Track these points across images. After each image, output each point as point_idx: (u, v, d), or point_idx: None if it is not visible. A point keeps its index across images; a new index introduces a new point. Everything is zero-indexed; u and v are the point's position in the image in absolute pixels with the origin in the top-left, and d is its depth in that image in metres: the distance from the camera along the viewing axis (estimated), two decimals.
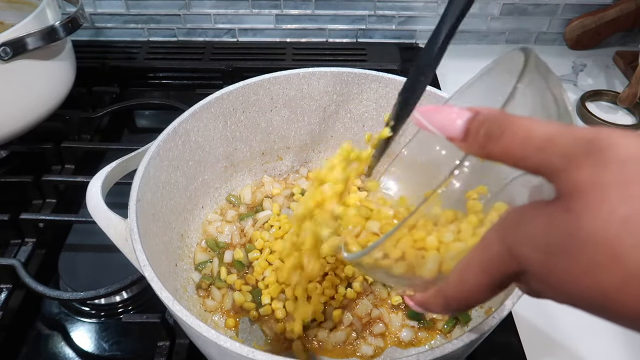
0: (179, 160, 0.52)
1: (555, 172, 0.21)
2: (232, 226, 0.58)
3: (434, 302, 0.28)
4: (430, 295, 0.28)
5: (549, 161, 0.21)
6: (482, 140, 0.23)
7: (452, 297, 0.26)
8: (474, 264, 0.24)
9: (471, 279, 0.25)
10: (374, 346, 0.49)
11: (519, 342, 0.51)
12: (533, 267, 0.22)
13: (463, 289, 0.25)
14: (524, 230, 0.22)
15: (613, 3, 0.88)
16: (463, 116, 0.24)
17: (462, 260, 0.25)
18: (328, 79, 0.59)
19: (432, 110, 0.25)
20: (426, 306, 0.29)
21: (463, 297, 0.26)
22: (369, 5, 0.90)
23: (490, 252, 0.23)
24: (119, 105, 0.79)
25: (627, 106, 0.77)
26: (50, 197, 0.66)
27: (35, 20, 0.60)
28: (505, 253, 0.23)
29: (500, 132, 0.23)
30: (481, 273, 0.24)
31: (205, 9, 0.90)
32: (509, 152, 0.22)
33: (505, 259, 0.23)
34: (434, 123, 0.25)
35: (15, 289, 0.56)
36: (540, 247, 0.21)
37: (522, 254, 0.22)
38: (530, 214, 0.22)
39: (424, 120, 0.26)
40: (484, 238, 0.24)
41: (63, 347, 0.53)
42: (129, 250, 0.42)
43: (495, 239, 0.23)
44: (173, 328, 0.51)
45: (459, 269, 0.25)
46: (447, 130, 0.25)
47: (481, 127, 0.23)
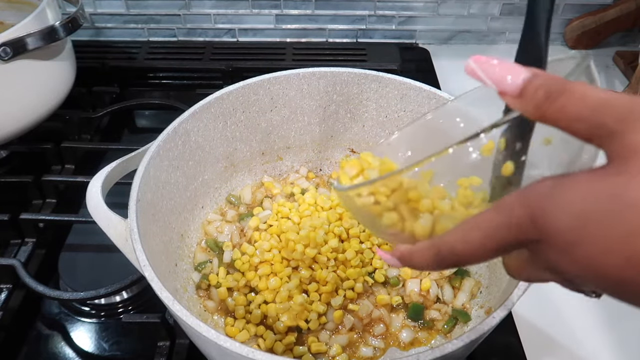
0: (179, 160, 0.52)
1: (608, 135, 0.21)
2: (232, 226, 0.58)
3: (422, 255, 0.27)
4: (419, 248, 0.28)
5: (603, 123, 0.21)
6: (540, 99, 0.23)
7: (448, 253, 0.26)
8: (484, 225, 0.24)
9: (476, 239, 0.24)
10: (374, 347, 0.49)
11: (519, 342, 0.51)
12: (560, 236, 0.21)
13: (464, 247, 0.25)
14: (560, 196, 0.21)
15: (613, 3, 0.88)
16: (522, 73, 0.24)
17: (468, 219, 0.25)
18: (328, 79, 0.59)
19: (490, 62, 0.25)
20: (410, 259, 0.29)
21: (461, 254, 0.25)
22: (369, 5, 0.90)
23: (507, 217, 0.23)
24: (119, 105, 0.79)
25: None
26: (50, 197, 0.66)
27: (35, 20, 0.60)
28: (526, 219, 0.22)
29: (559, 92, 0.22)
30: (490, 235, 0.24)
31: (205, 9, 0.90)
32: (564, 112, 0.22)
33: (525, 226, 0.23)
34: (490, 75, 0.25)
35: (15, 289, 0.56)
36: (576, 214, 0.21)
37: (550, 221, 0.22)
38: (570, 181, 0.22)
39: (479, 69, 0.25)
40: (501, 203, 0.24)
41: (63, 347, 0.53)
42: (129, 250, 0.42)
43: (518, 205, 0.23)
44: (173, 328, 0.51)
45: (463, 228, 0.25)
46: (503, 84, 0.24)
47: (541, 86, 0.23)
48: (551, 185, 0.22)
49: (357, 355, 0.48)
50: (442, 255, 0.26)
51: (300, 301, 0.48)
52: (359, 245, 0.54)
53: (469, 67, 0.25)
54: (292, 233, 0.53)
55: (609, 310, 0.54)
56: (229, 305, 0.51)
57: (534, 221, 0.22)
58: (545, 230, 0.22)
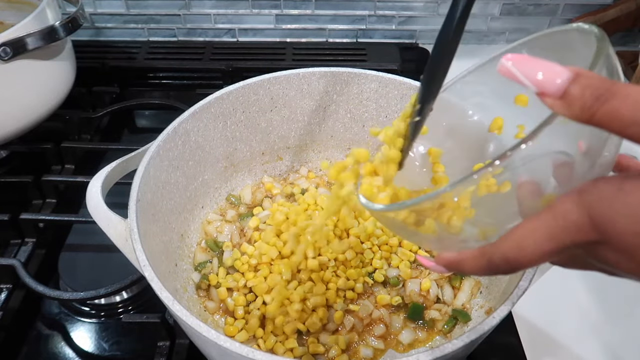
0: (179, 160, 0.52)
1: None
2: (232, 226, 0.58)
3: (472, 262, 0.28)
4: (467, 256, 0.28)
5: None
6: (588, 100, 0.22)
7: (501, 261, 0.26)
8: (540, 231, 0.24)
9: (531, 244, 0.24)
10: (374, 348, 0.49)
11: (519, 342, 0.51)
12: (623, 239, 0.22)
13: (518, 255, 0.25)
14: (623, 200, 0.22)
15: (613, 3, 0.88)
16: (564, 73, 0.23)
17: (522, 225, 0.25)
18: (328, 79, 0.59)
19: (528, 60, 0.24)
20: (459, 265, 0.29)
21: (515, 262, 0.25)
22: (369, 5, 0.90)
23: (565, 221, 0.23)
24: (119, 105, 0.79)
25: None
26: (50, 197, 0.66)
27: (35, 20, 0.60)
28: (585, 222, 0.23)
29: (609, 94, 0.22)
30: (547, 240, 0.24)
31: (205, 9, 0.90)
32: (617, 116, 0.22)
33: (584, 228, 0.23)
34: (528, 74, 0.23)
35: (15, 289, 0.56)
36: (638, 219, 0.21)
37: (612, 225, 0.22)
38: (632, 184, 0.22)
39: (515, 69, 0.24)
40: (555, 207, 0.24)
41: (63, 347, 0.53)
42: (129, 250, 0.42)
43: (576, 208, 0.23)
44: (173, 328, 0.51)
45: (517, 235, 0.25)
46: (543, 85, 0.23)
47: (587, 87, 0.22)
48: (612, 189, 0.23)
49: (357, 356, 0.48)
50: (494, 263, 0.26)
51: (297, 308, 0.48)
52: (360, 246, 0.54)
53: (503, 67, 0.24)
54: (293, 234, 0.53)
55: (609, 310, 0.54)
56: (228, 306, 0.51)
57: (596, 224, 0.23)
58: (605, 234, 0.22)
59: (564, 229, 0.23)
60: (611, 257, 0.23)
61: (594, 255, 0.25)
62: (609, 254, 0.23)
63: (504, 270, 0.27)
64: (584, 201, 0.23)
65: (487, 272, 0.27)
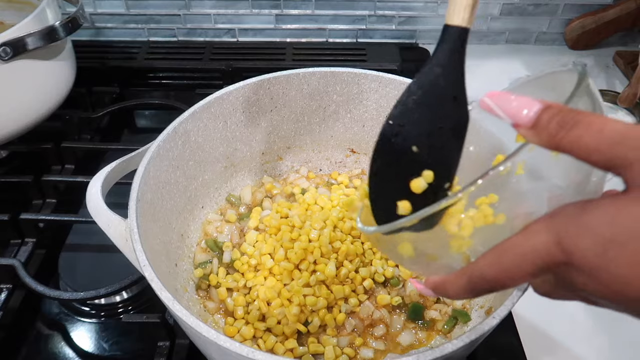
0: (179, 160, 0.52)
1: (627, 165, 0.22)
2: (232, 226, 0.58)
3: (454, 283, 0.28)
4: (452, 276, 0.29)
5: (623, 154, 0.22)
6: (553, 129, 0.24)
7: (479, 279, 0.27)
8: (514, 250, 0.25)
9: (505, 264, 0.25)
10: (375, 349, 0.49)
11: (519, 342, 0.51)
12: (586, 259, 0.22)
13: (495, 273, 0.26)
14: (585, 220, 0.23)
15: (613, 3, 0.88)
16: (535, 105, 0.25)
17: (499, 245, 0.26)
18: (328, 79, 0.59)
19: (504, 96, 0.26)
20: (443, 288, 0.29)
21: (492, 280, 0.26)
22: (369, 5, 0.90)
23: (535, 241, 0.24)
24: (119, 105, 0.79)
25: (627, 106, 0.77)
26: (50, 197, 0.66)
27: (35, 20, 0.60)
28: (552, 243, 0.23)
29: (573, 123, 0.23)
30: (519, 260, 0.25)
31: (205, 9, 0.90)
32: (580, 143, 0.23)
33: (551, 250, 0.23)
34: (505, 109, 0.26)
35: (15, 289, 0.56)
36: (602, 237, 0.22)
37: (575, 245, 0.23)
38: (594, 206, 0.23)
39: (493, 104, 0.26)
40: (529, 228, 0.25)
41: (63, 347, 0.53)
42: (129, 250, 0.42)
43: (544, 229, 0.24)
44: (173, 328, 0.51)
45: (494, 253, 0.26)
46: (517, 116, 0.25)
47: (554, 117, 0.24)
48: (576, 210, 0.23)
49: (357, 357, 0.48)
50: (473, 282, 0.27)
51: (295, 312, 0.48)
52: (360, 247, 0.54)
53: (484, 103, 0.27)
54: (292, 235, 0.53)
55: (609, 310, 0.54)
56: (228, 306, 0.51)
57: (561, 244, 0.23)
58: (570, 255, 0.23)
59: (534, 250, 0.24)
60: (579, 279, 0.24)
61: (563, 280, 0.25)
62: (576, 277, 0.24)
63: (482, 288, 0.27)
64: (552, 223, 0.24)
65: (468, 291, 0.28)
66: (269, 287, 0.51)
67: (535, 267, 0.24)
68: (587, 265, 0.23)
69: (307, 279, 0.51)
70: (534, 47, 0.94)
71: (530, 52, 0.92)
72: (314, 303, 0.49)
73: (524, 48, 0.93)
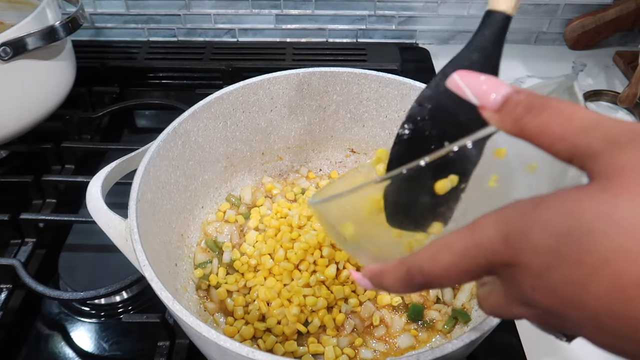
0: (179, 160, 0.52)
1: (593, 155, 0.20)
2: (232, 226, 0.58)
3: (391, 275, 0.26)
4: (388, 267, 0.26)
5: (589, 144, 0.20)
6: (519, 113, 0.22)
7: (417, 272, 0.24)
8: (456, 244, 0.22)
9: (446, 258, 0.23)
10: (374, 350, 0.49)
11: (519, 342, 0.51)
12: (536, 257, 0.20)
13: (433, 267, 0.23)
14: (537, 215, 0.20)
15: (613, 3, 0.88)
16: (504, 88, 0.23)
17: (442, 237, 0.23)
18: (328, 79, 0.59)
19: (475, 76, 0.24)
20: (380, 277, 0.27)
21: (430, 275, 0.24)
22: (369, 5, 0.90)
23: (480, 236, 0.22)
24: (119, 105, 0.79)
25: (627, 106, 0.77)
26: (50, 197, 0.66)
27: (35, 20, 0.60)
28: (499, 240, 0.21)
29: (542, 108, 0.22)
30: (461, 256, 0.22)
31: (205, 9, 0.90)
32: (546, 130, 0.21)
33: (497, 247, 0.21)
34: (472, 88, 0.24)
35: (15, 289, 0.56)
36: (555, 231, 0.19)
37: (524, 240, 0.20)
38: (549, 199, 0.20)
39: (461, 83, 0.24)
40: (475, 222, 0.22)
41: (63, 347, 0.53)
42: (129, 250, 0.42)
43: (492, 224, 0.21)
44: (173, 328, 0.51)
45: (435, 246, 0.23)
46: (483, 98, 0.23)
47: (522, 101, 0.22)
48: (530, 203, 0.21)
49: (357, 357, 0.48)
50: (411, 274, 0.25)
51: (295, 312, 0.48)
52: None
53: (452, 81, 0.25)
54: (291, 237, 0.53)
55: None
56: (228, 306, 0.51)
57: (507, 241, 0.21)
58: (519, 252, 0.20)
59: (478, 246, 0.22)
60: (526, 282, 0.21)
61: (509, 285, 0.22)
62: (523, 279, 0.21)
63: (420, 284, 0.25)
64: (500, 217, 0.21)
65: (405, 285, 0.25)
66: (268, 287, 0.51)
67: (476, 266, 0.22)
68: (535, 264, 0.20)
69: (307, 279, 0.51)
70: (534, 47, 0.94)
71: (530, 52, 0.92)
72: (313, 303, 0.49)
73: (524, 48, 0.93)
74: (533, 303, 0.21)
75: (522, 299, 0.22)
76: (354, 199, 0.27)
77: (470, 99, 0.24)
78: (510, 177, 0.26)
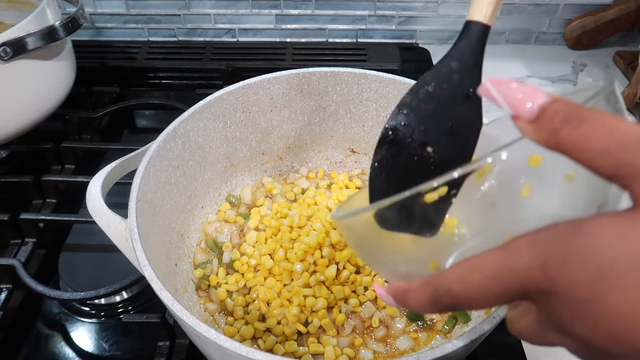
0: (179, 160, 0.52)
1: (638, 175, 0.18)
2: (232, 226, 0.58)
3: (417, 294, 0.25)
4: (414, 285, 0.25)
5: (634, 162, 0.18)
6: (557, 124, 0.20)
7: (444, 293, 0.23)
8: (488, 267, 0.21)
9: (477, 281, 0.22)
10: (374, 351, 0.49)
11: (519, 342, 0.51)
12: (577, 289, 0.18)
13: (462, 289, 0.22)
14: (579, 242, 0.19)
15: (613, 3, 0.88)
16: (541, 97, 0.21)
17: (472, 258, 0.22)
18: (328, 79, 0.59)
19: (508, 84, 0.23)
20: (404, 298, 0.26)
21: (458, 297, 0.23)
22: (369, 5, 0.90)
23: (515, 261, 0.20)
24: (119, 105, 0.79)
25: (627, 106, 0.77)
26: (50, 197, 0.66)
27: (35, 20, 0.60)
28: (536, 266, 0.20)
29: (581, 119, 0.20)
30: (493, 279, 0.21)
31: (205, 9, 0.90)
32: (586, 143, 0.19)
33: (534, 273, 0.20)
34: (506, 96, 0.22)
35: (15, 289, 0.56)
36: (597, 263, 0.18)
37: (563, 270, 0.19)
38: (591, 225, 0.19)
39: (494, 91, 0.23)
40: (510, 244, 0.21)
41: (63, 347, 0.53)
42: (129, 250, 0.42)
43: (528, 248, 0.20)
44: (173, 328, 0.51)
45: (465, 267, 0.22)
46: (518, 107, 0.22)
47: (559, 111, 0.21)
48: (569, 228, 0.19)
49: (357, 357, 0.48)
50: (438, 295, 0.24)
51: (295, 312, 0.48)
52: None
53: (484, 88, 0.23)
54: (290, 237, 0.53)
55: None
56: (228, 306, 0.51)
57: (545, 268, 0.19)
58: (558, 281, 0.19)
59: (512, 270, 0.20)
60: (564, 313, 0.19)
61: (546, 313, 0.21)
62: (562, 310, 0.19)
63: (448, 306, 0.24)
64: (537, 241, 0.20)
65: (432, 305, 0.24)
66: (268, 287, 0.51)
67: (509, 290, 0.21)
68: (575, 296, 0.18)
69: (307, 280, 0.51)
70: (534, 47, 0.94)
71: (530, 52, 0.92)
72: (313, 303, 0.49)
73: (524, 48, 0.93)
74: (572, 333, 0.20)
75: (559, 327, 0.21)
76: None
77: (503, 107, 0.23)
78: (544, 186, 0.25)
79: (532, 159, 0.23)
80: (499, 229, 0.22)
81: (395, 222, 0.25)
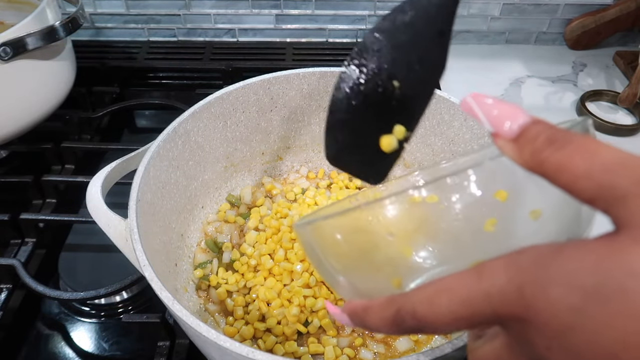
0: (179, 160, 0.52)
1: (621, 199, 0.18)
2: (232, 226, 0.58)
3: (378, 312, 0.23)
4: (376, 303, 0.23)
5: (616, 184, 0.18)
6: (539, 145, 0.20)
7: (408, 315, 0.22)
8: (458, 289, 0.20)
9: (445, 304, 0.20)
10: (374, 352, 0.49)
11: None
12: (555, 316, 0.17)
13: (428, 312, 0.21)
14: (557, 267, 0.18)
15: (613, 3, 0.88)
16: (521, 117, 0.21)
17: (441, 279, 0.21)
18: (328, 79, 0.59)
19: (489, 99, 0.22)
20: (365, 314, 0.24)
21: (423, 320, 0.21)
22: (369, 5, 0.90)
23: (489, 285, 0.19)
24: (119, 105, 0.79)
25: (627, 106, 0.77)
26: (50, 197, 0.66)
27: (35, 20, 0.60)
28: (512, 291, 0.18)
29: (564, 142, 0.19)
30: (463, 303, 0.20)
31: (205, 9, 0.90)
32: (569, 165, 0.19)
33: (509, 298, 0.19)
34: (487, 113, 0.22)
35: (15, 289, 0.56)
36: (580, 289, 0.17)
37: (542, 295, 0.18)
38: (574, 249, 0.18)
39: (475, 106, 0.22)
40: (484, 266, 0.20)
41: (63, 347, 0.53)
42: (129, 250, 0.42)
43: (504, 271, 0.19)
44: (173, 328, 0.51)
45: (433, 288, 0.21)
46: (498, 125, 0.21)
47: (542, 132, 0.20)
48: (550, 250, 0.19)
49: (357, 358, 0.48)
50: (401, 316, 0.22)
51: (295, 312, 0.48)
52: None
53: (466, 103, 0.23)
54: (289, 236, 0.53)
55: None
56: (228, 306, 0.51)
57: (522, 293, 0.18)
58: (535, 307, 0.18)
59: (485, 294, 0.19)
60: (540, 342, 0.18)
61: (518, 342, 0.20)
62: (537, 339, 0.18)
63: (410, 328, 0.22)
64: (514, 264, 0.19)
65: (393, 326, 0.23)
66: (268, 287, 0.51)
67: (479, 315, 0.19)
68: (554, 324, 0.17)
69: (307, 280, 0.51)
70: (534, 47, 0.94)
71: (530, 52, 0.92)
72: (313, 304, 0.49)
73: (523, 48, 0.93)
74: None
75: (532, 356, 0.19)
76: (339, 223, 0.25)
77: (484, 123, 0.22)
78: (510, 221, 0.24)
79: (499, 193, 0.23)
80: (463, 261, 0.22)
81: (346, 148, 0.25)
